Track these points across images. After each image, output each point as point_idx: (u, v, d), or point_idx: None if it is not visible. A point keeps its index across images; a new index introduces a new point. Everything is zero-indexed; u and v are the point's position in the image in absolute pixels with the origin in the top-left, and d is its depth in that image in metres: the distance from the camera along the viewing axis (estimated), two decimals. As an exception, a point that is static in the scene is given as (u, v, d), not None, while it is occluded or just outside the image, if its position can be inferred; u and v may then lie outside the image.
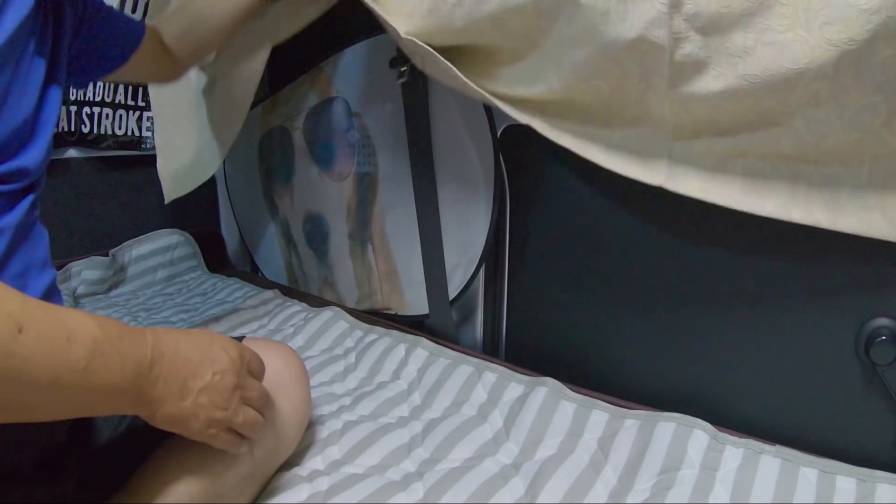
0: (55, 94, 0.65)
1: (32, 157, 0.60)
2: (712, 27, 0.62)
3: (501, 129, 0.99)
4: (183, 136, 1.53)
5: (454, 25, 0.80)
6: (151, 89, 1.45)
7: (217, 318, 1.23)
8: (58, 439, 0.59)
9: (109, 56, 0.86)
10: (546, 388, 0.85)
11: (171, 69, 1.00)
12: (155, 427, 0.54)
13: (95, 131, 1.44)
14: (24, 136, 0.59)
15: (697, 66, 0.64)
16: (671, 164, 0.74)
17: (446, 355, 0.98)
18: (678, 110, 0.68)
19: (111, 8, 0.84)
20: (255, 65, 1.21)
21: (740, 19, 0.60)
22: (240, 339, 0.75)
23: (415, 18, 0.83)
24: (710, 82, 0.64)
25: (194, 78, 1.46)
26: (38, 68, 0.62)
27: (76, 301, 1.34)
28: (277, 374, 0.73)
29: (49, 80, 0.64)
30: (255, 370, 0.61)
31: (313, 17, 1.13)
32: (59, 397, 0.44)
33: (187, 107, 1.51)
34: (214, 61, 1.30)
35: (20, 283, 0.58)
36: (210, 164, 1.56)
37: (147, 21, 0.97)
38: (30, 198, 0.60)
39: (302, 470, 0.75)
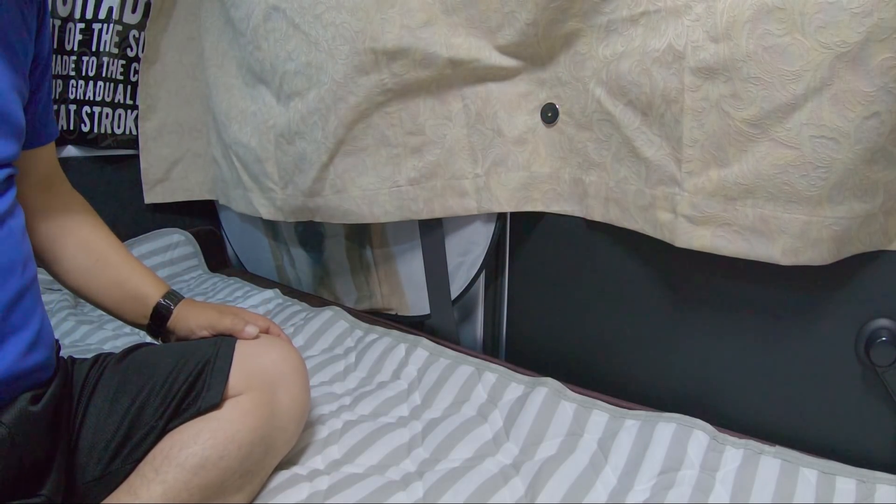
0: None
1: None
2: (722, 35, 0.68)
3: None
4: (170, 147, 1.54)
5: None
6: (141, 91, 1.45)
7: (217, 318, 1.22)
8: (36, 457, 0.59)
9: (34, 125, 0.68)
10: (546, 388, 0.85)
11: (42, 233, 0.73)
12: None
13: (95, 130, 1.44)
14: None
15: (709, 72, 0.70)
16: (676, 218, 0.78)
17: (446, 355, 0.98)
18: (693, 125, 0.73)
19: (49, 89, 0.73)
20: None
21: (744, 26, 0.65)
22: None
23: None
24: (720, 86, 0.69)
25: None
26: None
27: (76, 300, 1.34)
28: (276, 367, 0.73)
29: None
30: None
31: None
32: None
33: (175, 125, 1.52)
34: None
35: None
36: (197, 193, 1.57)
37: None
38: None
39: (302, 469, 0.75)
